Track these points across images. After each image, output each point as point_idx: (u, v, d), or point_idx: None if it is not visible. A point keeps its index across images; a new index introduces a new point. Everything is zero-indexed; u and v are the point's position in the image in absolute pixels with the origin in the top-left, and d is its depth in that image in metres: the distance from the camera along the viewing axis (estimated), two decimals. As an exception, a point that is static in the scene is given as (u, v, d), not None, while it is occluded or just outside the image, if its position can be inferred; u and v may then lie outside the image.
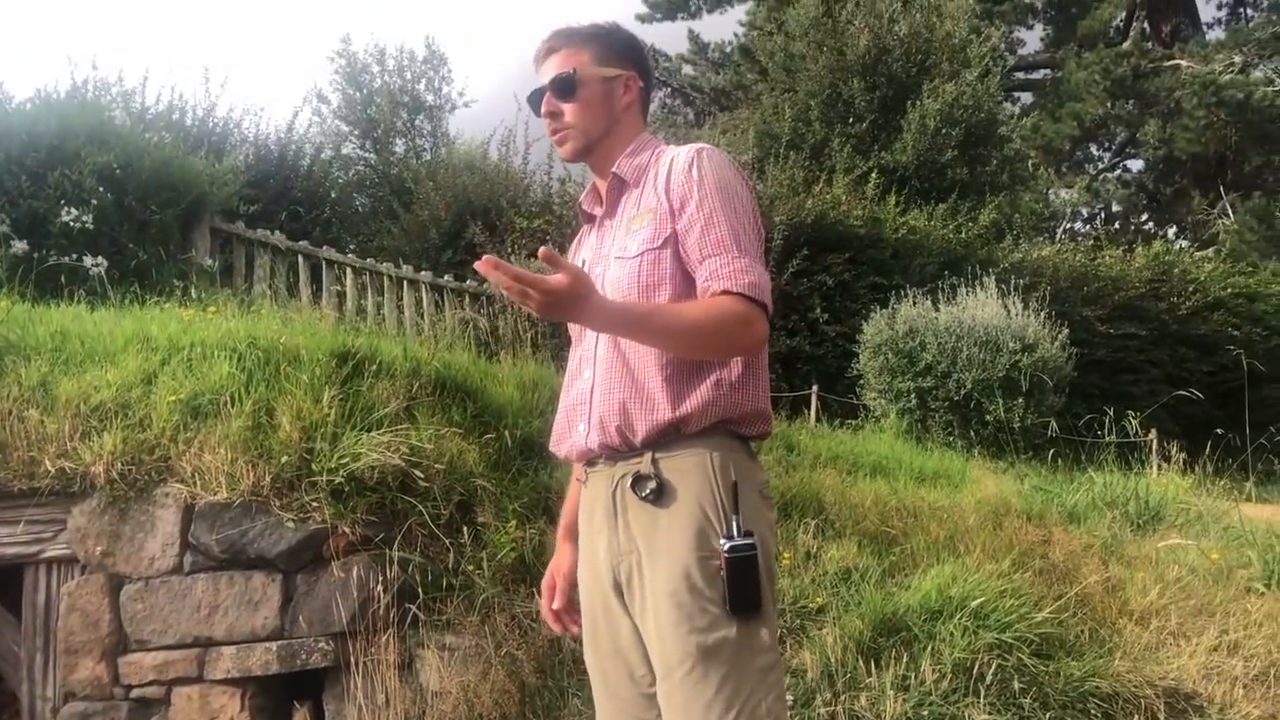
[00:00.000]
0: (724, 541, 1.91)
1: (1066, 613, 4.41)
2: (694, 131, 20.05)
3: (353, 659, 3.91)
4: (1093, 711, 3.89)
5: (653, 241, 2.03)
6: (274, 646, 3.95)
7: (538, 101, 2.17)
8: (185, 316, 5.12)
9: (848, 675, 3.86)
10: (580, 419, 2.12)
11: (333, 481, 4.02)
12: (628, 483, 2.01)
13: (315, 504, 4.02)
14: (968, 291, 9.61)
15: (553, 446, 2.25)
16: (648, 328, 1.88)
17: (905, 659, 3.91)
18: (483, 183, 13.17)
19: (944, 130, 14.95)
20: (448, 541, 4.16)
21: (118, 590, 4.03)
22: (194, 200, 7.91)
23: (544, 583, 2.38)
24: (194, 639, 3.97)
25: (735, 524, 1.93)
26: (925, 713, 3.72)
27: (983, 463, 7.87)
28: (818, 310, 11.27)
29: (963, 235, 13.23)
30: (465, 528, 4.23)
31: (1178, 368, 12.56)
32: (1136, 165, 27.46)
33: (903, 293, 9.90)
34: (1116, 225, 25.86)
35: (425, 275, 10.31)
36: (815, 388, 10.07)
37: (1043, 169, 22.53)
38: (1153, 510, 6.25)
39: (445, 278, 10.71)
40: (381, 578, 3.99)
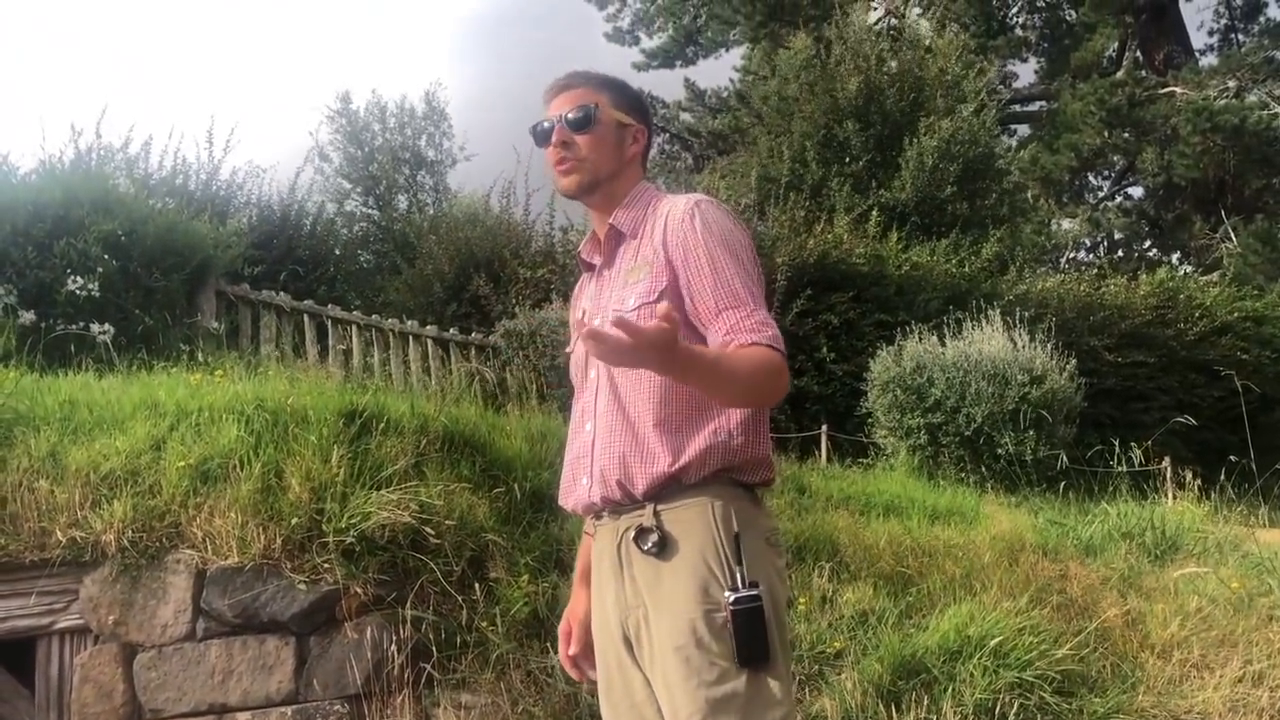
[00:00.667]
0: (729, 594, 1.89)
1: (1087, 648, 4.37)
2: (693, 177, 20.17)
3: (368, 721, 3.88)
4: (1119, 748, 3.84)
5: (648, 295, 2.03)
6: (289, 711, 3.92)
7: (545, 133, 2.16)
8: (192, 381, 5.13)
9: (868, 720, 3.81)
10: (583, 472, 2.12)
11: (343, 542, 4.01)
12: (631, 536, 2.01)
13: (327, 565, 4.00)
14: (973, 325, 9.60)
15: (561, 500, 2.24)
16: (714, 374, 1.80)
17: (926, 701, 3.86)
18: (485, 235, 13.23)
19: (941, 166, 15.01)
20: (460, 598, 4.14)
21: (131, 659, 4.00)
22: (199, 264, 7.96)
23: (560, 629, 2.37)
24: (209, 706, 3.94)
25: (739, 575, 1.91)
26: (949, 756, 3.67)
27: (996, 497, 7.83)
28: (824, 350, 11.26)
29: (966, 269, 13.24)
30: (477, 583, 4.21)
31: (1188, 394, 12.49)
32: (1137, 193, 27.57)
33: (908, 329, 9.89)
34: (1119, 253, 25.90)
35: (430, 329, 10.35)
36: (825, 427, 10.04)
37: (1043, 200, 22.61)
38: (1169, 540, 6.19)
39: (450, 331, 10.74)
40: (395, 637, 3.97)
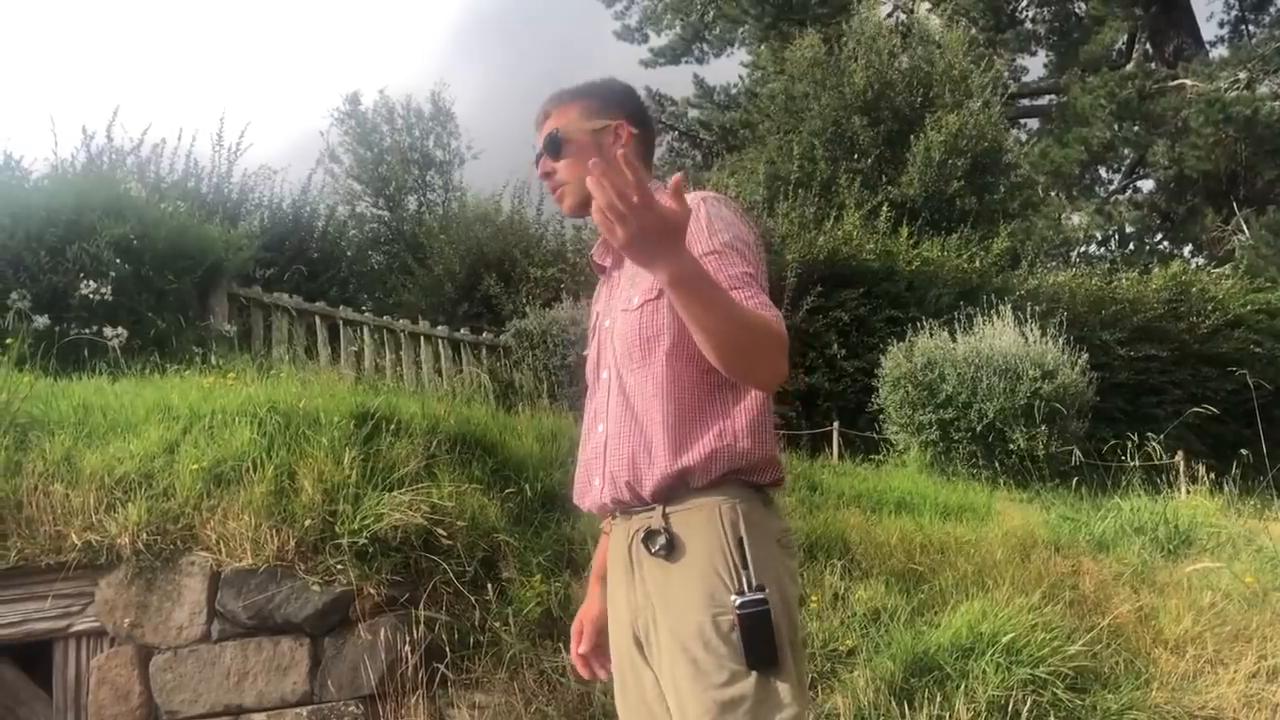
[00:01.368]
0: (735, 597, 1.89)
1: (1100, 644, 4.36)
2: (702, 174, 20.16)
3: (383, 721, 3.90)
4: (1132, 745, 3.83)
5: (651, 292, 2.03)
6: (304, 712, 3.94)
7: (538, 163, 2.23)
8: (205, 384, 5.16)
9: (881, 718, 3.82)
10: (595, 473, 2.12)
11: (356, 543, 4.02)
12: (640, 537, 2.02)
13: (340, 566, 4.02)
14: (984, 321, 9.58)
15: (576, 500, 2.26)
16: (714, 302, 1.75)
17: (939, 699, 3.86)
18: (495, 234, 13.26)
19: (950, 161, 14.99)
20: (473, 598, 4.16)
21: (147, 661, 4.03)
22: (210, 267, 8.00)
23: (573, 628, 2.38)
24: (225, 707, 3.97)
25: (745, 579, 1.91)
26: (962, 753, 3.68)
27: (1008, 493, 7.82)
28: (835, 346, 11.26)
29: (976, 265, 13.21)
30: (490, 584, 4.22)
31: (1201, 387, 12.45)
32: (1147, 186, 27.46)
33: (919, 325, 9.87)
34: (1131, 247, 25.78)
35: (441, 329, 10.38)
36: (836, 424, 10.04)
37: (1053, 194, 22.54)
38: (1183, 535, 6.17)
39: (461, 331, 10.77)
40: (408, 638, 3.99)
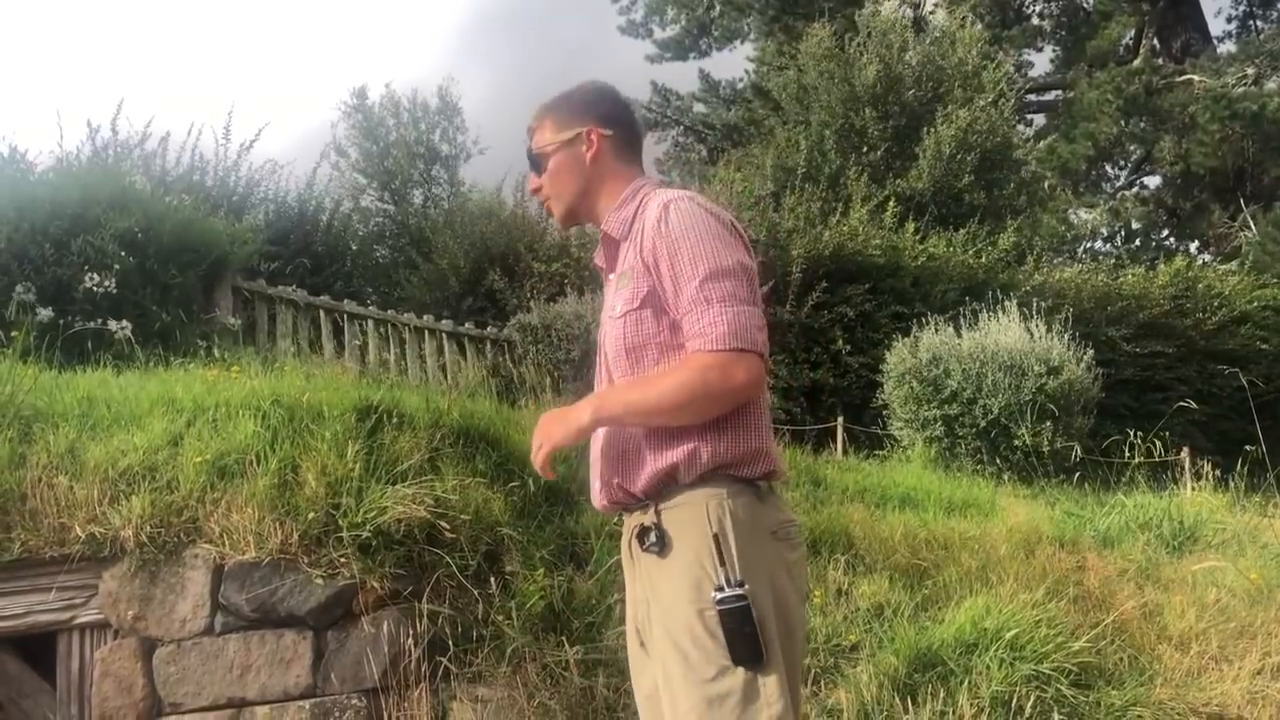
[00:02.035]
0: (714, 593, 1.91)
1: (1104, 640, 4.35)
2: (708, 169, 20.13)
3: (386, 714, 3.90)
4: (1136, 741, 3.83)
5: (632, 302, 2.06)
6: (307, 705, 3.95)
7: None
8: (209, 377, 5.16)
9: (884, 713, 3.81)
10: (595, 475, 2.19)
11: (359, 536, 4.02)
12: (635, 534, 2.06)
13: (343, 559, 4.02)
14: (990, 316, 9.56)
15: (591, 498, 2.29)
16: (644, 408, 1.99)
17: (942, 694, 3.86)
18: (500, 229, 13.25)
19: (959, 156, 14.97)
20: (476, 592, 4.16)
21: (150, 654, 4.03)
22: (215, 260, 8.00)
23: None
24: (228, 700, 3.97)
25: (726, 574, 1.92)
26: (965, 749, 3.67)
27: (1012, 489, 7.80)
28: (840, 342, 11.24)
29: (983, 260, 13.18)
30: (493, 578, 4.22)
31: (1207, 384, 12.42)
32: (1154, 182, 27.41)
33: (925, 320, 9.85)
34: (1137, 243, 25.72)
35: (445, 324, 10.38)
36: (841, 419, 10.03)
37: (1060, 190, 22.49)
38: (1187, 531, 6.16)
39: (465, 325, 10.76)
40: (411, 631, 3.99)
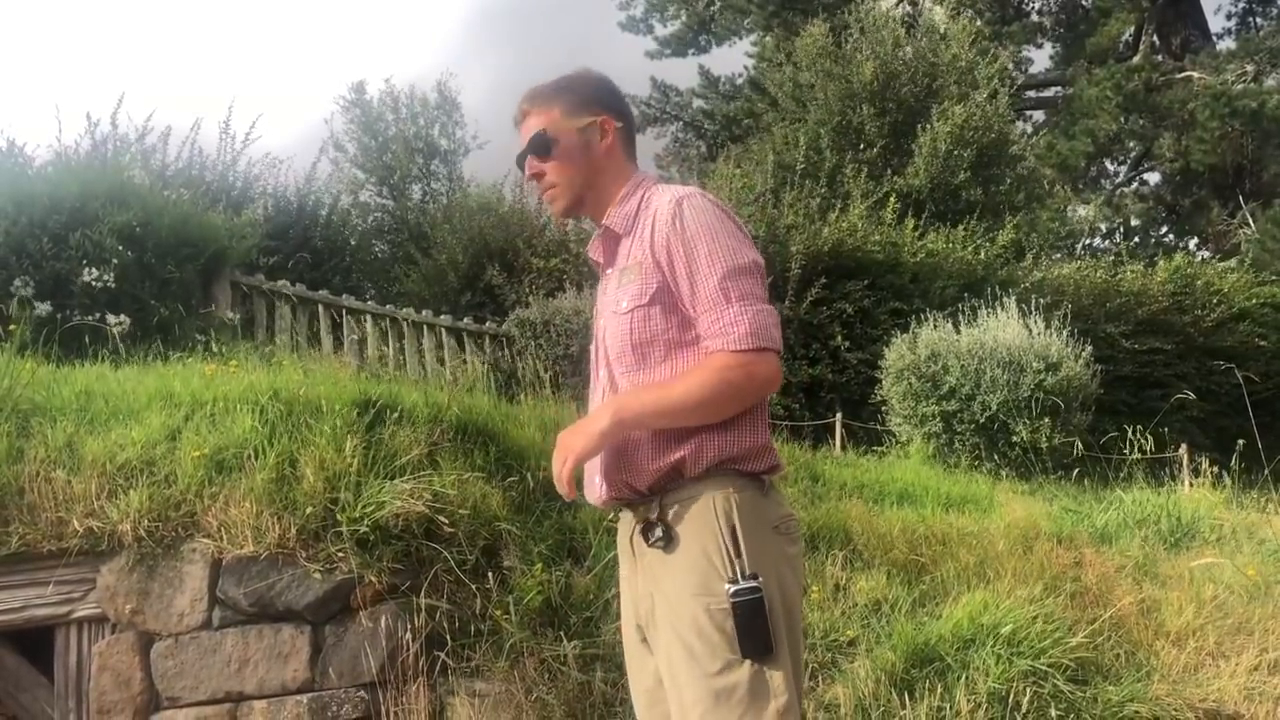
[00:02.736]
0: (728, 586, 1.91)
1: (1101, 636, 4.36)
2: (707, 164, 20.11)
3: (384, 709, 3.90)
4: (1133, 737, 3.83)
5: (640, 298, 2.04)
6: (305, 699, 3.95)
7: (523, 165, 2.20)
8: (207, 372, 5.16)
9: (882, 708, 3.82)
10: (595, 470, 2.15)
11: (358, 531, 4.03)
12: (639, 530, 2.04)
13: (341, 554, 4.03)
14: (988, 313, 9.55)
15: (585, 493, 2.27)
16: (652, 413, 1.98)
17: (939, 690, 3.86)
18: (498, 224, 13.25)
19: (955, 152, 14.96)
20: (474, 587, 4.16)
21: (148, 648, 4.03)
22: (213, 255, 7.99)
23: None
24: (225, 694, 3.97)
25: (740, 567, 1.92)
26: (962, 744, 3.67)
27: (1010, 485, 7.81)
28: (839, 338, 11.23)
29: (981, 256, 13.17)
30: (491, 572, 4.22)
31: (1205, 380, 12.43)
32: (1153, 179, 27.40)
33: (923, 317, 9.85)
34: (1136, 240, 25.72)
35: (444, 319, 10.37)
36: (839, 415, 10.03)
37: (1059, 187, 22.48)
38: (1185, 527, 6.17)
39: (464, 320, 10.76)
40: (409, 626, 3.99)
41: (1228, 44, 24.86)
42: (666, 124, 27.15)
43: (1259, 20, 26.47)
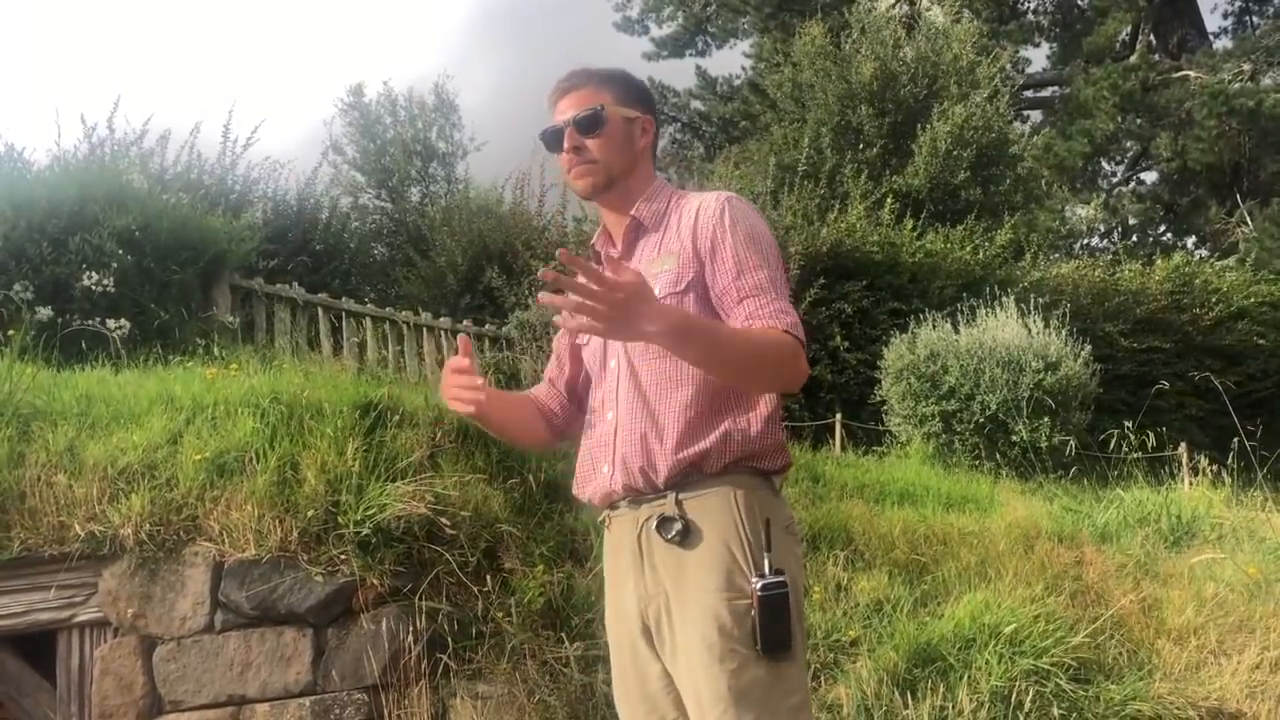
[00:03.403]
0: (756, 580, 1.90)
1: (1103, 635, 4.36)
2: (706, 166, 20.12)
3: (386, 711, 3.90)
4: (1135, 735, 3.84)
5: (675, 285, 2.05)
6: (307, 702, 3.95)
7: (556, 138, 2.16)
8: (208, 375, 5.16)
9: (884, 708, 3.82)
10: (604, 460, 2.12)
11: (359, 533, 4.03)
12: (653, 525, 2.02)
13: (343, 557, 4.03)
14: (987, 313, 9.56)
15: (576, 490, 2.25)
16: (713, 340, 1.87)
17: (942, 689, 3.87)
18: (498, 226, 13.24)
19: (955, 152, 14.95)
20: (476, 589, 4.17)
21: (150, 652, 4.04)
22: (213, 258, 7.99)
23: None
24: (228, 697, 3.98)
25: (768, 562, 1.92)
26: (964, 743, 3.68)
27: (1010, 484, 7.81)
28: (838, 338, 11.23)
29: (980, 256, 13.18)
30: (492, 574, 4.23)
31: (1204, 379, 12.42)
32: (1151, 178, 27.38)
33: (922, 317, 9.86)
34: (1134, 239, 25.72)
35: (444, 321, 10.38)
36: (839, 416, 10.03)
37: (1057, 186, 22.49)
38: (1185, 526, 6.17)
39: (464, 322, 10.76)
40: (411, 628, 4.00)
41: (1224, 43, 24.87)
42: (665, 125, 27.15)
43: (1255, 19, 26.47)
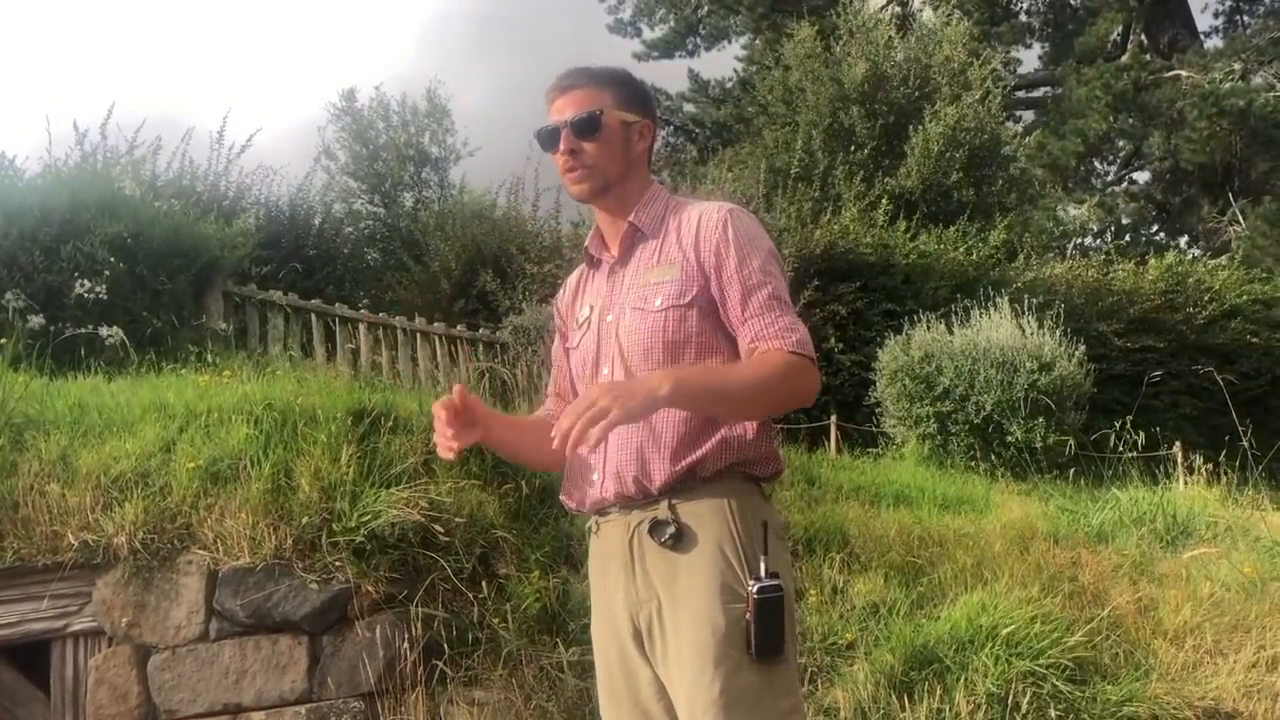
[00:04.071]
0: (752, 583, 1.90)
1: (1099, 636, 4.36)
2: (698, 169, 20.12)
3: (382, 719, 3.89)
4: (1132, 736, 3.83)
5: (679, 299, 2.04)
6: (303, 710, 3.94)
7: (551, 138, 2.11)
8: (201, 382, 5.15)
9: (881, 711, 3.82)
10: (595, 468, 2.11)
11: (354, 540, 4.02)
12: (645, 529, 2.01)
13: (338, 564, 4.02)
14: (981, 313, 9.57)
15: (564, 496, 2.24)
16: (724, 393, 1.90)
17: (939, 691, 3.87)
18: (492, 231, 13.22)
19: (947, 153, 14.97)
20: (471, 595, 4.16)
21: (145, 661, 4.02)
22: (205, 265, 7.98)
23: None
24: (223, 706, 3.96)
25: (764, 565, 1.92)
26: (962, 746, 3.67)
27: (1006, 485, 7.81)
28: (832, 340, 11.23)
29: (974, 257, 13.20)
30: (487, 580, 4.22)
31: (1198, 378, 12.45)
32: (1143, 178, 27.45)
33: (916, 318, 9.87)
34: (1127, 238, 25.76)
35: (438, 327, 10.35)
36: (833, 418, 10.03)
37: (1050, 187, 22.51)
38: (1181, 525, 6.17)
39: (458, 328, 10.74)
40: (407, 635, 3.98)
41: (1215, 42, 24.93)
42: (657, 128, 27.12)
43: (1245, 18, 26.52)
